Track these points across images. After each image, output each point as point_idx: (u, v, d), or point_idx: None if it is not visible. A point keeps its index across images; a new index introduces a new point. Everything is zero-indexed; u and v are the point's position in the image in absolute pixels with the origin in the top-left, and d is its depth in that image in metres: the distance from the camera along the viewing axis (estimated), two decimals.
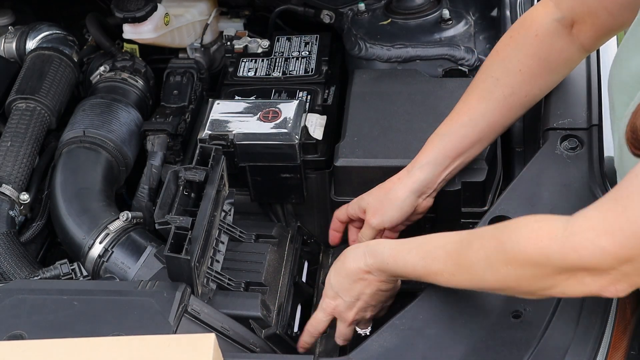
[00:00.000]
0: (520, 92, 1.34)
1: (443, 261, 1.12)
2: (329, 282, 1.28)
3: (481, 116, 1.35)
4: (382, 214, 1.38)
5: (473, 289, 1.11)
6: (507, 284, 1.04)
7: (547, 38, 1.32)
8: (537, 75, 1.34)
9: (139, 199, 1.62)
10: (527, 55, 1.33)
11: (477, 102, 1.36)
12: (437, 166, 1.37)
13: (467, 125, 1.35)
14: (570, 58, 1.35)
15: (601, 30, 1.30)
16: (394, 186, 1.38)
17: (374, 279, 1.24)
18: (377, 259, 1.22)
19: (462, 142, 1.36)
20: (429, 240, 1.17)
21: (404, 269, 1.18)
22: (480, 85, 1.36)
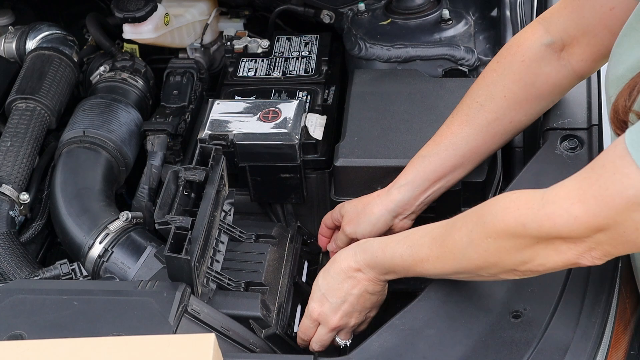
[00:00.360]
0: (505, 118, 1.32)
1: (428, 246, 1.13)
2: (317, 284, 1.28)
3: (463, 141, 1.33)
4: (356, 225, 1.39)
5: (458, 272, 1.12)
6: (489, 259, 1.05)
7: (534, 64, 1.29)
8: (522, 101, 1.32)
9: (139, 199, 1.62)
10: (512, 81, 1.31)
11: (459, 126, 1.34)
12: (416, 188, 1.36)
13: (449, 149, 1.34)
14: (559, 84, 1.32)
15: (598, 52, 1.26)
16: (372, 201, 1.39)
17: (362, 278, 1.24)
18: (367, 254, 1.22)
19: (442, 166, 1.35)
20: (416, 230, 1.18)
21: (391, 260, 1.19)
22: (464, 109, 1.34)
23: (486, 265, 1.07)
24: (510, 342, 1.09)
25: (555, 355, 1.07)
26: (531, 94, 1.31)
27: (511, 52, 1.32)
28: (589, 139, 1.36)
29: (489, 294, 1.15)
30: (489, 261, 1.06)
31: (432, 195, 1.38)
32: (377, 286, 1.26)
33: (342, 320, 1.28)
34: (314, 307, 1.28)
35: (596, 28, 1.24)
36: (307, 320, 1.30)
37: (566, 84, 1.33)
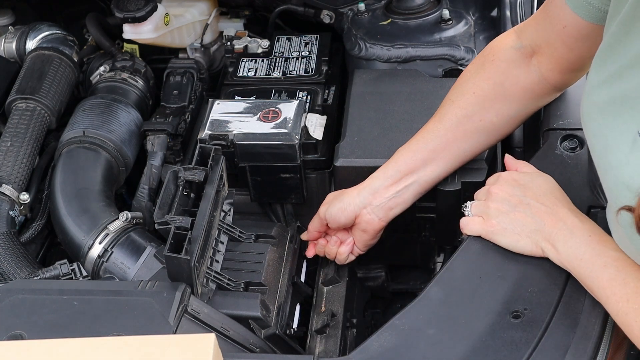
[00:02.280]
0: (474, 116, 1.33)
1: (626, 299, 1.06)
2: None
3: (434, 135, 1.35)
4: (329, 205, 1.41)
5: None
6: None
7: (503, 64, 1.32)
8: (491, 99, 1.32)
9: (139, 199, 1.62)
10: (482, 79, 1.33)
11: (432, 123, 1.36)
12: (387, 178, 1.36)
13: (419, 142, 1.36)
14: (530, 88, 1.32)
15: (562, 64, 1.28)
16: (349, 190, 1.41)
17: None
18: (571, 249, 1.14)
19: (412, 158, 1.35)
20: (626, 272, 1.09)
21: (589, 275, 1.11)
22: (439, 109, 1.37)
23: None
24: (510, 342, 1.09)
25: (555, 355, 1.07)
26: (501, 94, 1.32)
27: (484, 54, 1.36)
28: None
29: (489, 294, 1.15)
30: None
31: (403, 192, 1.36)
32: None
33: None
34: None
35: (555, 42, 1.26)
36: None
37: (538, 91, 1.33)
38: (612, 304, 1.07)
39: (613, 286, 1.07)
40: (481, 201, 1.25)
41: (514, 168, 1.28)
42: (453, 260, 1.21)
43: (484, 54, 1.36)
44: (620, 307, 1.06)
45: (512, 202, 1.20)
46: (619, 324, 1.06)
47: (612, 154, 1.03)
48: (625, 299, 1.05)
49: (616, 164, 1.02)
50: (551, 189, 1.21)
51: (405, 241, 1.59)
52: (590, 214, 1.24)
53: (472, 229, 1.23)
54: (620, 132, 1.02)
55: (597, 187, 1.28)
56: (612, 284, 1.07)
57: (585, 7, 1.18)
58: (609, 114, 1.04)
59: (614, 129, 1.03)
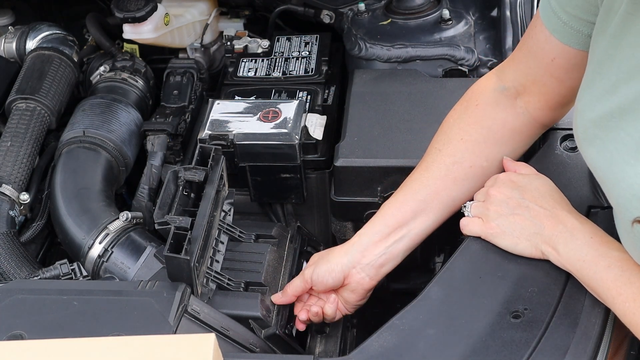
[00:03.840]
0: (464, 162, 1.28)
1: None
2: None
3: (422, 185, 1.29)
4: (314, 266, 1.32)
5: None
6: None
7: (488, 107, 1.29)
8: (481, 144, 1.28)
9: (139, 199, 1.62)
10: (468, 124, 1.29)
11: (419, 172, 1.30)
12: (374, 234, 1.29)
13: (407, 194, 1.30)
14: (519, 130, 1.29)
15: (552, 99, 1.26)
16: (335, 249, 1.33)
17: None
18: (572, 251, 1.14)
19: (401, 210, 1.29)
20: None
21: (593, 275, 1.11)
22: (425, 157, 1.32)
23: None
24: (510, 342, 1.09)
25: (555, 355, 1.07)
26: (489, 138, 1.29)
27: (466, 98, 1.33)
28: None
29: (489, 294, 1.15)
30: None
31: (393, 248, 1.30)
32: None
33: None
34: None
35: (543, 77, 1.24)
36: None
37: (527, 132, 1.31)
38: (619, 304, 1.06)
39: (618, 286, 1.06)
40: (480, 202, 1.25)
41: (512, 169, 1.28)
42: (453, 260, 1.21)
43: (466, 98, 1.33)
44: (627, 307, 1.05)
45: (511, 204, 1.20)
46: (627, 323, 1.06)
47: (617, 167, 1.02)
48: (632, 298, 1.05)
49: (623, 175, 1.01)
50: (549, 191, 1.21)
51: None
52: (590, 214, 1.24)
53: (472, 230, 1.23)
54: (624, 144, 1.01)
55: (597, 187, 1.28)
56: (618, 284, 1.07)
57: (574, 35, 1.16)
58: (609, 128, 1.03)
59: (616, 142, 1.02)
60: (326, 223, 1.67)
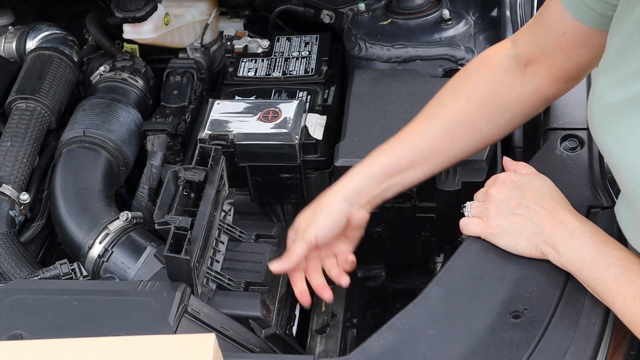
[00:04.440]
0: (466, 122, 1.30)
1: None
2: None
3: (423, 138, 1.31)
4: (315, 224, 1.32)
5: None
6: None
7: (499, 71, 1.30)
8: (485, 106, 1.30)
9: (139, 199, 1.62)
10: (476, 85, 1.31)
11: (421, 124, 1.32)
12: (371, 179, 1.32)
13: (407, 144, 1.32)
14: (524, 99, 1.30)
15: (558, 72, 1.27)
16: (324, 199, 1.34)
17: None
18: (573, 250, 1.14)
19: (399, 160, 1.32)
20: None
21: (594, 275, 1.11)
22: (427, 109, 1.33)
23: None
24: (510, 342, 1.09)
25: (555, 355, 1.07)
26: (494, 102, 1.30)
27: (478, 60, 1.34)
28: (589, 139, 1.36)
29: (489, 294, 1.15)
30: None
31: (387, 191, 1.33)
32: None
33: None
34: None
35: (553, 50, 1.25)
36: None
37: (530, 102, 1.32)
38: (619, 303, 1.06)
39: (619, 285, 1.06)
40: (480, 202, 1.25)
41: (512, 169, 1.28)
42: (453, 260, 1.21)
43: (480, 59, 1.34)
44: (627, 306, 1.05)
45: (511, 204, 1.20)
46: (627, 322, 1.06)
47: (633, 153, 1.02)
48: (632, 297, 1.05)
49: (638, 163, 1.01)
50: (549, 191, 1.21)
51: (405, 241, 1.59)
52: (590, 214, 1.24)
53: (472, 230, 1.23)
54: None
55: (597, 187, 1.28)
56: (618, 283, 1.07)
57: (587, 12, 1.17)
58: (627, 114, 1.03)
59: (632, 127, 1.02)
60: None
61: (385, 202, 1.45)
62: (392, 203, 1.48)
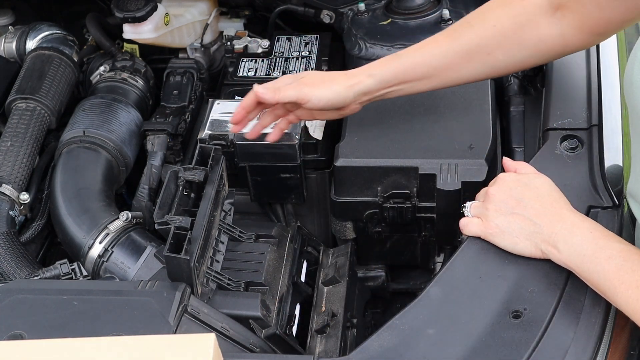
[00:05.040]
0: (486, 48, 1.33)
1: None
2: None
3: (441, 54, 1.36)
4: (316, 88, 1.38)
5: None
6: None
7: (531, 7, 1.31)
8: (508, 37, 1.33)
9: (139, 199, 1.62)
10: (506, 14, 1.33)
11: (443, 38, 1.37)
12: (383, 82, 1.38)
13: (425, 56, 1.37)
14: (545, 39, 1.32)
15: (585, 22, 1.28)
16: (338, 77, 1.39)
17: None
18: (572, 248, 1.14)
19: (413, 70, 1.37)
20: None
21: (594, 271, 1.11)
22: (455, 26, 1.38)
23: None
24: (510, 342, 1.09)
25: (555, 355, 1.07)
26: (517, 36, 1.33)
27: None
28: (589, 139, 1.36)
29: (489, 294, 1.15)
30: None
31: (391, 94, 1.41)
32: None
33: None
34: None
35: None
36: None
37: (551, 46, 1.33)
38: (621, 292, 1.06)
39: (621, 275, 1.06)
40: (480, 202, 1.25)
41: (512, 169, 1.28)
42: (453, 260, 1.21)
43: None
44: (630, 294, 1.05)
45: (510, 204, 1.20)
46: (630, 312, 1.05)
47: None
48: (635, 285, 1.05)
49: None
50: (549, 190, 1.21)
51: (405, 241, 1.59)
52: (590, 214, 1.24)
53: (471, 230, 1.23)
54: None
55: (597, 187, 1.28)
56: (620, 274, 1.06)
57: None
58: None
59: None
60: (326, 223, 1.67)
61: (385, 202, 1.46)
62: (392, 203, 1.48)
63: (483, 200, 1.24)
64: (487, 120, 1.51)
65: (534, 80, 1.66)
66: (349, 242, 1.55)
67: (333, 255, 1.54)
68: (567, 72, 1.50)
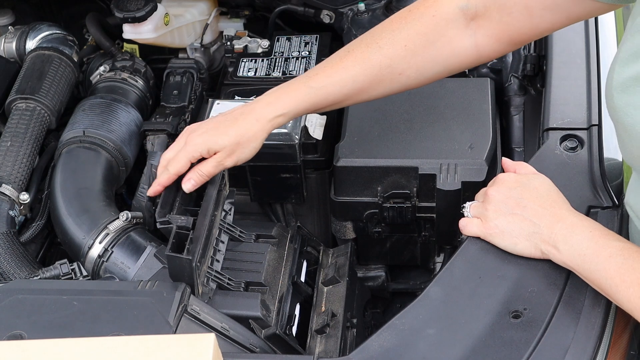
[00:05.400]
0: (397, 67, 1.30)
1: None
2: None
3: (352, 80, 1.31)
4: (238, 154, 1.32)
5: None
6: None
7: (443, 22, 1.27)
8: (419, 56, 1.29)
9: (139, 199, 1.62)
10: (417, 33, 1.28)
11: (353, 63, 1.31)
12: (297, 113, 1.34)
13: (336, 85, 1.31)
14: (458, 53, 1.30)
15: (506, 32, 1.25)
16: (252, 128, 1.32)
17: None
18: (572, 249, 1.13)
19: (325, 100, 1.33)
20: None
21: (595, 270, 1.11)
22: (362, 47, 1.32)
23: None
24: (510, 342, 1.09)
25: (555, 355, 1.07)
26: (429, 53, 1.29)
27: (425, 4, 1.30)
28: (589, 139, 1.36)
29: (489, 294, 1.15)
30: None
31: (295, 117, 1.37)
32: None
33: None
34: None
35: (515, 5, 1.22)
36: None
37: (464, 57, 1.31)
38: (623, 290, 1.06)
39: (622, 273, 1.06)
40: (479, 203, 1.25)
41: (512, 169, 1.28)
42: (453, 260, 1.21)
43: (425, 5, 1.30)
44: (632, 292, 1.05)
45: (509, 204, 1.20)
46: (632, 310, 1.05)
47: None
48: (636, 282, 1.04)
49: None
50: (548, 190, 1.21)
51: (405, 241, 1.59)
52: (590, 214, 1.24)
53: (471, 231, 1.23)
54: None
55: (597, 187, 1.28)
56: (621, 272, 1.06)
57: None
58: (633, 93, 1.03)
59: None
60: (326, 223, 1.67)
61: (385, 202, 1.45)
62: (392, 203, 1.48)
63: (482, 201, 1.24)
64: (487, 120, 1.51)
65: (534, 80, 1.66)
66: (349, 242, 1.55)
67: (333, 255, 1.54)
68: (567, 72, 1.50)
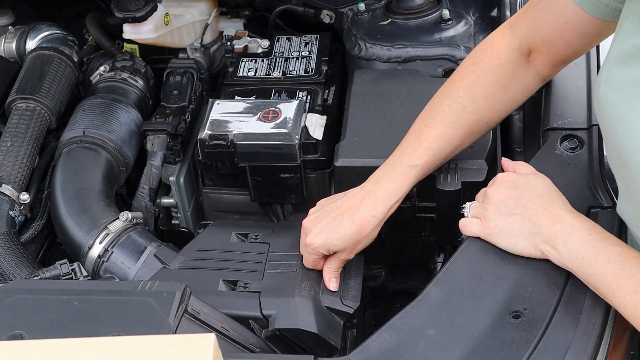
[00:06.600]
0: (483, 119, 1.34)
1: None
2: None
3: (448, 144, 1.32)
4: (359, 249, 1.33)
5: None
6: None
7: (509, 66, 1.33)
8: (499, 102, 1.34)
9: (139, 199, 1.62)
10: (492, 83, 1.33)
11: (444, 128, 1.32)
12: (398, 196, 1.31)
13: (436, 155, 1.32)
14: (527, 86, 1.36)
15: (556, 58, 1.32)
16: (369, 226, 1.30)
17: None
18: (572, 250, 1.14)
19: (428, 170, 1.33)
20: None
21: (593, 271, 1.11)
22: (446, 110, 1.32)
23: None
24: (510, 342, 1.09)
25: (555, 355, 1.07)
26: (507, 96, 1.34)
27: (487, 54, 1.34)
28: (589, 139, 1.36)
29: (489, 294, 1.15)
30: None
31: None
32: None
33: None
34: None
35: (553, 38, 1.28)
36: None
37: (533, 87, 1.37)
38: (619, 297, 1.06)
39: (619, 280, 1.06)
40: (479, 203, 1.25)
41: (511, 169, 1.28)
42: (453, 260, 1.21)
43: (487, 54, 1.34)
44: (628, 300, 1.05)
45: (509, 204, 1.20)
46: (628, 316, 1.06)
47: (638, 135, 1.03)
48: (632, 290, 1.05)
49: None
50: (548, 190, 1.21)
51: (405, 241, 1.59)
52: (590, 214, 1.24)
53: (471, 231, 1.23)
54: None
55: (597, 187, 1.28)
56: (618, 278, 1.07)
57: (593, 3, 1.20)
58: (631, 96, 1.04)
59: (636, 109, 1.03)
60: None
61: None
62: None
63: (482, 201, 1.24)
64: None
65: None
66: None
67: None
68: (567, 72, 1.50)
